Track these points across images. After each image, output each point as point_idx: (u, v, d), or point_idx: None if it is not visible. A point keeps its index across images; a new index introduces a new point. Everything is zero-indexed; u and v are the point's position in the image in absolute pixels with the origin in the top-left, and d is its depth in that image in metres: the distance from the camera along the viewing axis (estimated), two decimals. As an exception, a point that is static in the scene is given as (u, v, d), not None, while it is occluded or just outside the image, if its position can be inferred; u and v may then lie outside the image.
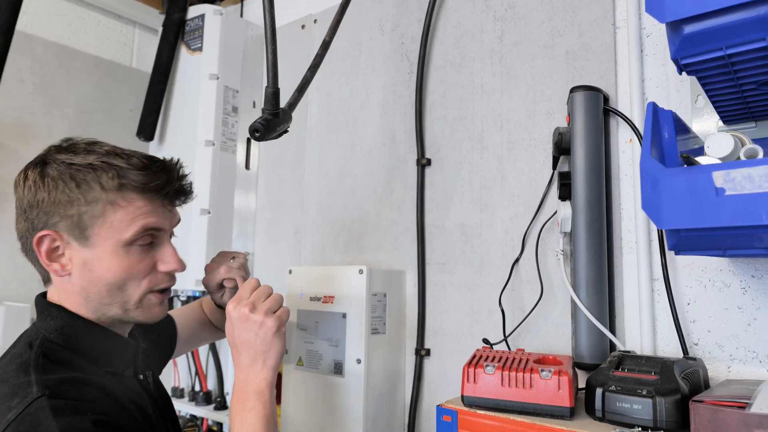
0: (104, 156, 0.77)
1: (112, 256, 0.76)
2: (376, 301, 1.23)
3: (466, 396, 0.85)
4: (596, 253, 0.99)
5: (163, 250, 0.82)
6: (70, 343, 0.76)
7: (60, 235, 0.75)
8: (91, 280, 0.77)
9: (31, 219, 0.76)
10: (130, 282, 0.78)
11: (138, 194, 0.78)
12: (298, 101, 1.00)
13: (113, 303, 0.78)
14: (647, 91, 1.03)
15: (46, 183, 0.75)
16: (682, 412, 0.72)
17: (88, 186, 0.75)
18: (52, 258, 0.76)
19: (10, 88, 1.65)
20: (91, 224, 0.76)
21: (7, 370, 0.71)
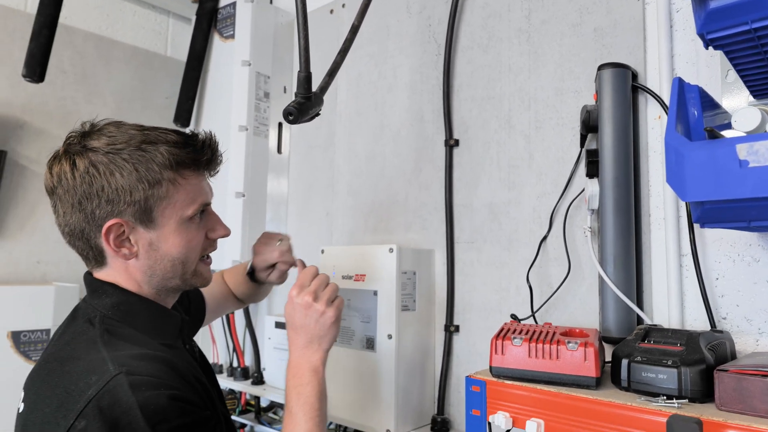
0: (145, 136, 0.78)
1: (176, 234, 0.80)
2: (406, 279, 1.27)
3: (494, 367, 0.88)
4: (624, 229, 1.00)
5: (212, 219, 0.87)
6: (127, 318, 0.79)
7: (127, 222, 0.77)
8: (156, 259, 0.80)
9: (90, 209, 0.76)
10: (190, 254, 0.83)
11: (191, 171, 0.81)
12: (329, 85, 1.03)
13: (175, 276, 0.83)
14: (677, 67, 1.02)
15: (101, 171, 0.74)
16: (707, 382, 0.74)
17: (147, 168, 0.76)
18: (118, 244, 0.78)
19: (53, 79, 1.73)
20: (156, 206, 0.78)
21: (75, 347, 0.74)
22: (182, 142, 0.80)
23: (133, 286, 0.81)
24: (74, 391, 0.67)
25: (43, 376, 0.75)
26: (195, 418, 0.70)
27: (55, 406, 0.68)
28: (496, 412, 0.86)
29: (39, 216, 1.69)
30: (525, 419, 0.83)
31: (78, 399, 0.66)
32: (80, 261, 1.79)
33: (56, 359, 0.75)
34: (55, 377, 0.72)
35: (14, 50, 1.65)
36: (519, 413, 0.85)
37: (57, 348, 0.77)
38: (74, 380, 0.69)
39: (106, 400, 0.65)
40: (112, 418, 0.64)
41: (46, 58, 1.40)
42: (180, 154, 0.79)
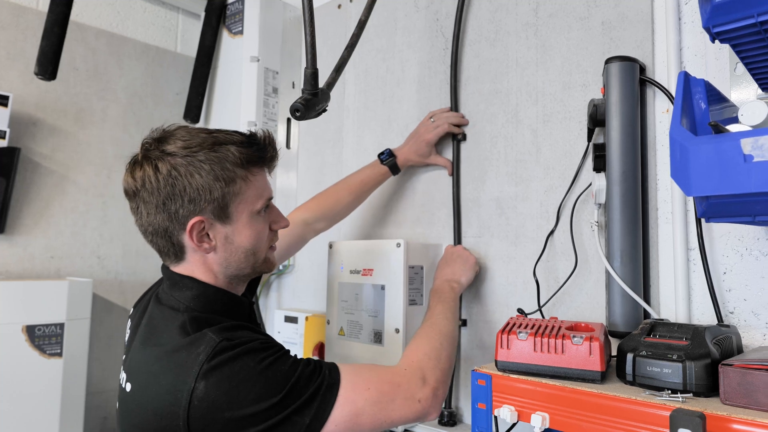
0: (215, 138, 0.85)
1: (247, 227, 0.88)
2: (413, 273, 1.28)
3: (499, 361, 0.89)
4: (631, 223, 1.00)
5: (275, 212, 0.95)
6: (207, 307, 0.86)
7: (207, 219, 0.84)
8: (231, 251, 0.88)
9: (174, 209, 0.83)
10: (259, 245, 0.90)
11: (258, 167, 0.89)
12: (336, 80, 1.04)
13: (247, 265, 0.90)
14: (685, 60, 1.02)
15: (182, 173, 0.82)
16: (712, 376, 0.74)
17: (222, 167, 0.83)
18: (200, 239, 0.85)
19: (66, 76, 1.75)
20: (231, 202, 0.85)
21: (171, 331, 0.82)
22: (247, 142, 0.87)
23: (209, 277, 0.88)
24: (187, 362, 0.77)
25: (146, 360, 0.83)
26: (285, 351, 0.83)
27: (172, 378, 0.77)
28: (502, 406, 0.87)
29: (53, 212, 1.72)
30: (530, 413, 0.84)
31: (192, 366, 0.76)
32: (93, 256, 1.81)
33: (155, 344, 0.84)
34: (162, 357, 0.80)
35: (27, 48, 1.67)
36: (524, 407, 0.85)
37: (151, 333, 0.86)
38: (185, 355, 0.78)
39: (216, 360, 0.76)
40: (226, 370, 0.75)
41: (57, 55, 1.42)
42: (248, 153, 0.86)
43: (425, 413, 0.88)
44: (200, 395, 0.75)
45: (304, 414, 0.78)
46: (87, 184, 1.80)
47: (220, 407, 0.74)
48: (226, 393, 0.75)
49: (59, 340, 1.49)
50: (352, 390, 0.82)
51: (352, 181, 1.36)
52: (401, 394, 0.86)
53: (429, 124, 1.34)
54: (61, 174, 1.75)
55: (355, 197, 1.36)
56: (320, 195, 1.35)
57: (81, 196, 1.78)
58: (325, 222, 1.34)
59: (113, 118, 1.87)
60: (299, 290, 1.72)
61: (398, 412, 0.85)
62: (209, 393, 0.75)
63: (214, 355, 0.76)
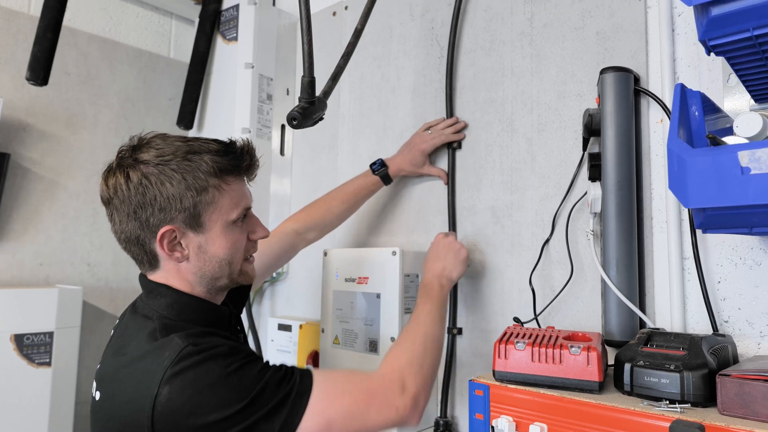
0: (189, 147, 0.84)
1: (222, 236, 0.87)
2: (408, 281, 1.27)
3: (497, 371, 0.89)
4: (626, 232, 1.00)
5: (253, 221, 0.94)
6: (181, 315, 0.85)
7: (178, 228, 0.84)
8: (205, 261, 0.87)
9: (145, 218, 0.82)
10: (235, 255, 0.89)
11: (233, 176, 0.88)
12: (332, 89, 1.04)
13: (223, 276, 0.89)
14: (678, 71, 1.02)
15: (153, 182, 0.81)
16: (709, 386, 0.74)
17: (194, 176, 0.82)
18: (171, 249, 0.84)
19: (57, 81, 1.74)
20: (204, 211, 0.84)
21: (140, 339, 0.82)
22: (223, 150, 0.87)
23: (185, 286, 0.88)
24: (152, 368, 0.76)
25: (114, 368, 0.83)
26: (255, 357, 0.82)
27: (136, 385, 0.77)
28: (499, 416, 0.87)
29: (42, 218, 1.69)
30: (528, 423, 0.84)
31: (156, 372, 0.75)
32: (83, 263, 1.79)
33: (124, 353, 0.83)
34: (129, 365, 0.80)
35: (18, 52, 1.66)
36: (522, 417, 0.85)
37: (122, 343, 0.86)
38: (150, 361, 0.78)
39: (181, 365, 0.75)
40: (190, 376, 0.75)
41: (50, 61, 1.40)
42: (222, 162, 0.85)
43: (403, 421, 0.86)
44: (163, 401, 0.74)
45: (273, 421, 0.76)
46: (77, 190, 1.78)
47: (183, 413, 0.74)
48: (189, 398, 0.74)
49: (48, 349, 1.47)
50: (324, 399, 0.80)
51: (344, 191, 1.35)
52: (377, 403, 0.84)
53: (425, 134, 1.34)
54: (51, 180, 1.73)
55: (346, 207, 1.35)
56: (311, 205, 1.35)
57: (71, 202, 1.76)
58: (315, 232, 1.33)
59: (105, 124, 1.86)
60: (293, 298, 1.71)
61: (373, 421, 0.83)
62: (172, 398, 0.74)
63: (178, 360, 0.76)
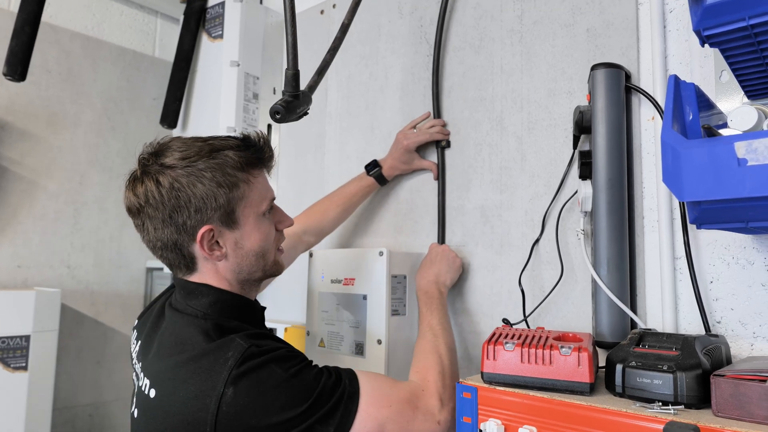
0: (211, 145, 0.84)
1: (254, 230, 0.88)
2: (396, 282, 1.24)
3: (485, 373, 0.86)
4: (617, 231, 0.98)
5: (278, 212, 0.96)
6: (224, 313, 0.87)
7: (215, 227, 0.84)
8: (242, 256, 0.88)
9: (182, 221, 0.82)
10: (268, 246, 0.91)
11: (258, 169, 0.89)
12: (318, 83, 1.01)
13: (258, 268, 0.90)
14: (670, 68, 1.01)
15: (185, 184, 0.81)
16: (703, 387, 0.72)
17: (223, 173, 0.83)
18: (211, 249, 0.85)
19: (38, 79, 1.70)
20: (237, 206, 0.85)
21: (194, 339, 0.82)
22: (244, 145, 0.88)
23: (223, 284, 0.88)
24: (214, 368, 0.77)
25: (171, 366, 0.82)
26: (309, 360, 0.84)
27: (200, 383, 0.77)
28: (488, 419, 0.84)
29: (21, 219, 1.65)
30: (517, 426, 0.81)
31: (220, 372, 0.76)
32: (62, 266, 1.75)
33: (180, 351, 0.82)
34: (188, 363, 0.80)
35: (-3, 49, 1.61)
36: (511, 420, 0.82)
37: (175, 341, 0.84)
38: (212, 361, 0.78)
39: (245, 367, 0.76)
40: (254, 377, 0.76)
41: (28, 56, 1.37)
42: (247, 155, 0.86)
43: None
44: (229, 401, 0.75)
45: (328, 423, 0.79)
46: (58, 190, 1.73)
47: (247, 414, 0.75)
48: (254, 399, 0.76)
49: (24, 353, 1.42)
50: (372, 403, 0.83)
51: (339, 195, 1.35)
52: (421, 414, 0.88)
53: (408, 131, 1.33)
54: (30, 180, 1.68)
55: (342, 210, 1.35)
56: (308, 209, 1.35)
57: (51, 203, 1.72)
58: (313, 236, 1.32)
59: (87, 123, 1.82)
60: (279, 300, 1.67)
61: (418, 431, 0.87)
62: (238, 399, 0.75)
63: (243, 360, 0.77)
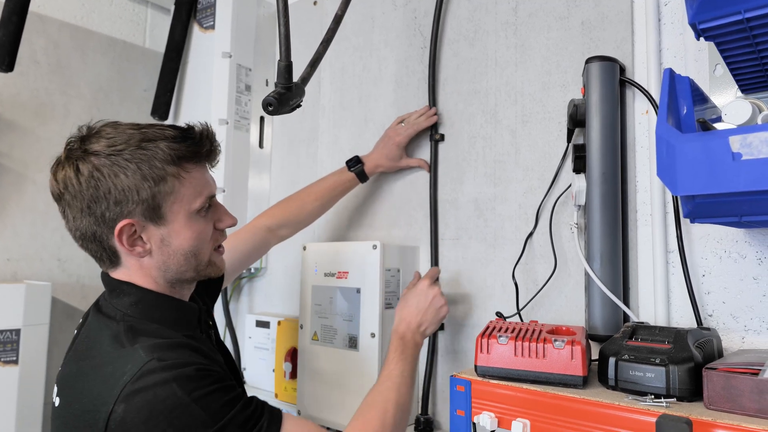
0: (143, 134, 0.78)
1: (185, 228, 0.81)
2: (389, 276, 1.24)
3: (479, 366, 0.86)
4: (611, 225, 0.99)
5: (218, 210, 0.89)
6: (147, 315, 0.81)
7: (137, 222, 0.78)
8: (169, 254, 0.81)
9: (100, 213, 0.77)
10: (201, 246, 0.84)
11: (193, 164, 0.82)
12: (311, 75, 1.00)
13: (189, 269, 0.84)
14: (665, 61, 1.01)
15: (105, 174, 0.75)
16: (695, 380, 0.73)
17: (150, 166, 0.77)
18: (132, 243, 0.79)
19: (25, 69, 1.67)
20: (164, 202, 0.79)
21: (103, 343, 0.77)
22: (181, 137, 0.81)
23: (149, 283, 0.83)
24: (110, 380, 0.71)
25: (75, 373, 0.78)
26: (225, 384, 0.75)
27: (94, 396, 0.72)
28: (481, 413, 0.84)
29: (9, 212, 1.63)
30: (511, 419, 0.81)
31: (115, 386, 0.70)
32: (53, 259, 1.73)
33: (86, 357, 0.78)
34: (89, 372, 0.75)
35: (-16, 39, 1.58)
36: (505, 413, 0.83)
37: (85, 346, 0.81)
38: (110, 371, 0.72)
39: (142, 383, 0.70)
40: (150, 396, 0.69)
41: (15, 46, 1.35)
42: (180, 149, 0.80)
43: None
44: (117, 419, 0.68)
45: None
46: (47, 183, 1.70)
47: None
48: (144, 421, 0.68)
49: (15, 347, 1.41)
50: None
51: (318, 188, 1.31)
52: None
53: (398, 127, 1.32)
54: (18, 172, 1.66)
55: (320, 204, 1.31)
56: (284, 201, 1.31)
57: (40, 195, 1.70)
58: (288, 228, 1.29)
59: (76, 114, 1.79)
60: (271, 294, 1.67)
61: None
62: (127, 419, 0.68)
63: (140, 375, 0.70)
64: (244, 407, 0.74)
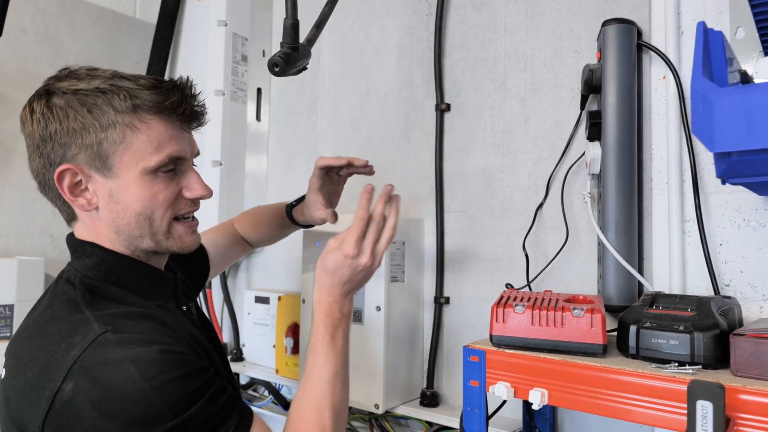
0: (110, 79, 0.73)
1: (137, 185, 0.73)
2: (394, 249, 1.21)
3: (495, 335, 0.84)
4: (626, 194, 0.96)
5: (188, 176, 0.79)
6: (110, 278, 0.74)
7: (81, 169, 0.72)
8: (118, 212, 0.74)
9: (47, 154, 0.72)
10: (156, 210, 0.75)
11: (153, 114, 0.73)
12: (316, 37, 0.96)
13: (143, 235, 0.76)
14: (683, 25, 0.98)
15: (55, 113, 0.71)
16: (720, 347, 0.71)
17: (100, 110, 0.71)
18: (75, 193, 0.73)
19: (12, 39, 1.60)
20: (113, 151, 0.72)
21: (56, 309, 0.71)
22: (149, 85, 0.73)
23: (109, 243, 0.76)
24: (57, 353, 0.64)
25: (23, 341, 0.71)
26: (192, 369, 0.67)
27: (38, 370, 0.65)
28: (496, 383, 0.82)
29: (-1, 186, 1.57)
30: (527, 389, 0.79)
31: (62, 360, 0.63)
32: (44, 234, 1.68)
33: (36, 323, 0.72)
34: (35, 341, 0.68)
35: (-33, 4, 1.51)
36: (521, 383, 0.81)
37: (38, 312, 0.74)
38: (56, 342, 0.66)
39: (94, 359, 0.63)
40: (103, 376, 0.62)
41: (3, 12, 1.28)
42: (141, 96, 0.72)
43: None
44: (64, 399, 0.61)
45: None
46: (37, 156, 1.66)
47: (83, 421, 0.61)
48: (95, 405, 0.61)
49: (8, 323, 1.37)
50: None
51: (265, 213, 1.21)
52: None
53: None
54: (7, 145, 1.60)
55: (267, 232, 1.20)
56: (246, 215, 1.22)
57: (30, 169, 1.64)
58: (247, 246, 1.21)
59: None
60: (270, 270, 1.63)
61: None
62: (75, 400, 0.61)
63: (92, 349, 0.63)
64: (211, 400, 0.67)
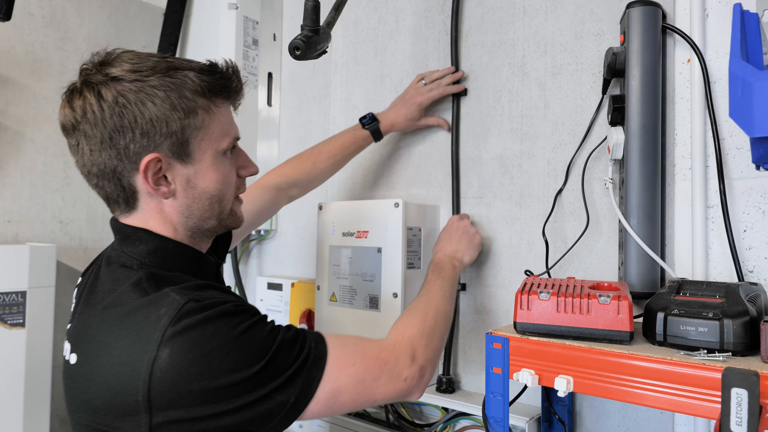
0: (169, 63, 0.71)
1: (212, 169, 0.75)
2: (411, 235, 1.21)
3: (519, 323, 0.83)
4: (650, 179, 0.95)
5: (242, 156, 0.82)
6: (165, 264, 0.75)
7: (163, 157, 0.71)
8: (194, 197, 0.75)
9: (124, 145, 0.69)
10: (226, 191, 0.78)
11: (222, 99, 0.75)
12: (336, 20, 0.95)
13: (212, 216, 0.78)
14: (708, 7, 0.96)
15: (131, 101, 0.68)
16: (750, 334, 0.70)
17: (179, 95, 0.69)
18: (157, 182, 0.73)
19: (20, 22, 1.58)
20: (193, 137, 0.72)
21: (124, 291, 0.71)
22: (209, 70, 0.74)
23: (167, 230, 0.76)
24: (145, 327, 0.66)
25: (96, 325, 0.72)
26: (262, 316, 0.72)
27: (126, 347, 0.67)
28: (520, 370, 0.82)
29: (8, 172, 1.56)
30: (552, 376, 0.79)
31: (152, 331, 0.65)
32: (54, 221, 1.68)
33: (106, 306, 0.72)
34: (113, 321, 0.70)
35: (-26, -13, 1.49)
36: (545, 370, 0.80)
37: (99, 297, 0.74)
38: (141, 318, 0.67)
39: (183, 324, 0.65)
40: (195, 336, 0.65)
41: (11, -4, 1.27)
42: (211, 80, 0.73)
43: (409, 392, 0.81)
44: (163, 365, 0.64)
45: (287, 392, 0.69)
46: (46, 142, 1.64)
47: (187, 379, 0.64)
48: (193, 362, 0.65)
49: (21, 310, 1.37)
50: (336, 365, 0.73)
51: (331, 146, 1.24)
52: (387, 372, 0.78)
53: (420, 86, 1.25)
54: (16, 131, 1.59)
55: (333, 162, 1.24)
56: (295, 158, 1.24)
57: (39, 155, 1.63)
58: (299, 188, 1.23)
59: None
60: (282, 256, 1.63)
61: (381, 391, 0.78)
62: (175, 362, 0.64)
63: (179, 317, 0.66)
64: (286, 332, 0.72)
